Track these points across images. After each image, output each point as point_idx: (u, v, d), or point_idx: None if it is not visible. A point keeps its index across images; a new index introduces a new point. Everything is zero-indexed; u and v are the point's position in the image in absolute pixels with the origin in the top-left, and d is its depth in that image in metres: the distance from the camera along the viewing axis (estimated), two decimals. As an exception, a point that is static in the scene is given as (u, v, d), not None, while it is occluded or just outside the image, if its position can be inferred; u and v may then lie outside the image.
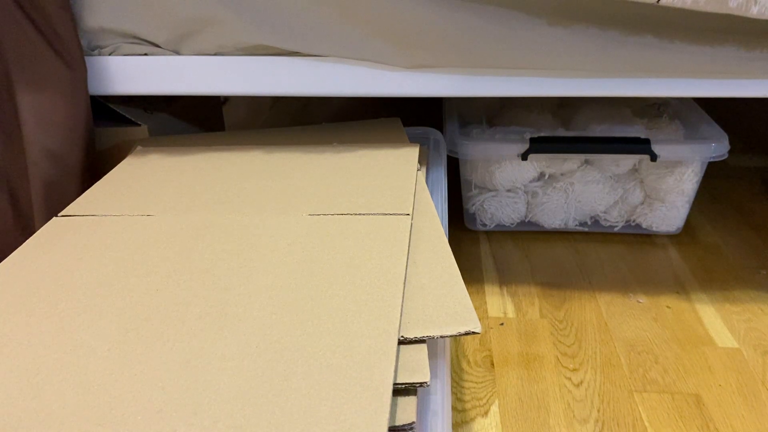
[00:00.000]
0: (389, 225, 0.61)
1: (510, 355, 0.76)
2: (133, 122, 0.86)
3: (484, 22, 0.68)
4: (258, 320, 0.48)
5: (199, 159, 0.79)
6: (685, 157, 0.92)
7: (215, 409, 0.40)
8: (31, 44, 0.71)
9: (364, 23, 0.70)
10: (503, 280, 0.90)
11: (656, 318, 0.82)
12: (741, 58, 0.67)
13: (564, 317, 0.82)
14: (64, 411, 0.40)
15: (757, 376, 0.72)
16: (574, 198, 0.98)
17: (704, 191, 1.04)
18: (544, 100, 1.07)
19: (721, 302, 0.84)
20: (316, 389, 0.41)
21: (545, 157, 0.94)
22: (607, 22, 0.67)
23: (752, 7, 0.61)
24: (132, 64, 0.76)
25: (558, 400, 0.69)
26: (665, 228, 1.00)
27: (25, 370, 0.44)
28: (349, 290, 0.51)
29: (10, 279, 0.55)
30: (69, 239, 0.61)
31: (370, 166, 0.74)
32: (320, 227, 0.61)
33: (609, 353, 0.76)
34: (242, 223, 0.63)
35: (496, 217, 1.01)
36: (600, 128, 0.98)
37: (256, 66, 0.75)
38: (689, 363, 0.74)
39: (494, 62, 0.70)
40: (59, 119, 0.73)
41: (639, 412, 0.67)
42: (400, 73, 0.73)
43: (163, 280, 0.54)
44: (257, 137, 0.87)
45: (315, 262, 0.56)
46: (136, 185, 0.72)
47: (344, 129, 0.89)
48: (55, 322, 0.49)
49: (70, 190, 0.76)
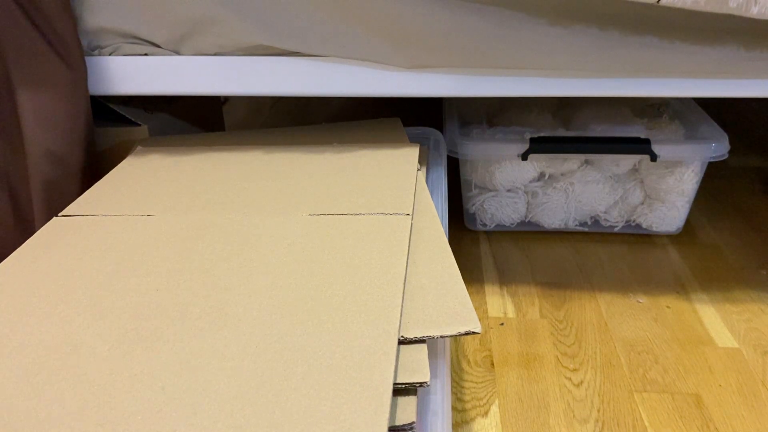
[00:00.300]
0: (389, 225, 0.61)
1: (510, 355, 0.76)
2: (133, 122, 0.86)
3: (484, 22, 0.68)
4: (258, 320, 0.48)
5: (199, 159, 0.79)
6: (685, 157, 0.92)
7: (215, 409, 0.40)
8: (31, 44, 0.71)
9: (365, 23, 0.70)
10: (503, 280, 0.90)
11: (656, 318, 0.82)
12: (741, 58, 0.67)
13: (564, 317, 0.82)
14: (65, 411, 0.41)
15: (757, 376, 0.72)
16: (574, 198, 0.98)
17: (704, 191, 1.04)
18: (544, 100, 1.07)
19: (721, 302, 0.84)
20: (316, 389, 0.41)
21: (545, 157, 0.94)
22: (607, 22, 0.67)
23: (752, 7, 0.61)
24: (132, 64, 0.76)
25: (558, 400, 0.69)
26: (665, 228, 1.00)
27: (25, 370, 0.44)
28: (349, 290, 0.51)
29: (10, 279, 0.55)
30: (69, 239, 0.61)
31: (370, 166, 0.74)
32: (320, 227, 0.61)
33: (609, 353, 0.76)
34: (242, 223, 0.63)
35: (496, 217, 1.01)
36: (600, 128, 0.98)
37: (256, 66, 0.75)
38: (689, 363, 0.74)
39: (494, 62, 0.70)
40: (59, 119, 0.73)
41: (639, 412, 0.67)
42: (400, 73, 0.73)
43: (163, 280, 0.54)
44: (257, 137, 0.87)
45: (315, 262, 0.55)
46: (136, 185, 0.72)
47: (344, 129, 0.89)
48: (55, 323, 0.49)
49: (70, 190, 0.76)
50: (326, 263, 0.55)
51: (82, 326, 0.48)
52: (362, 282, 0.52)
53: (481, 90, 0.74)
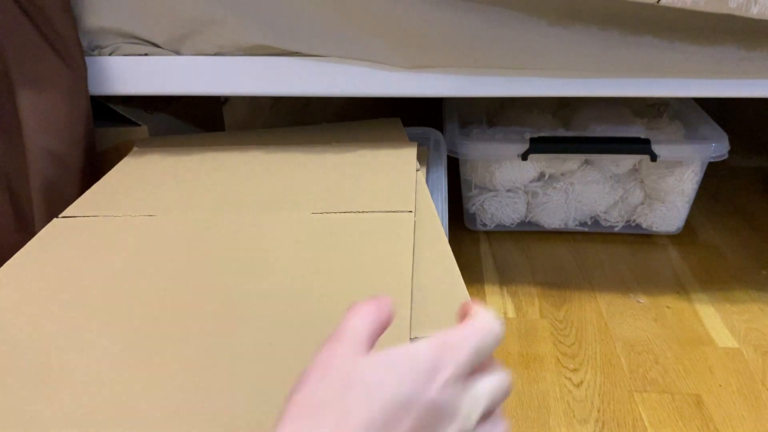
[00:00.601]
0: (393, 222, 0.61)
1: (510, 355, 0.76)
2: (133, 122, 0.86)
3: (484, 22, 0.68)
4: (268, 318, 0.48)
5: (199, 159, 0.79)
6: (685, 157, 0.92)
7: (233, 407, 0.40)
8: (31, 44, 0.71)
9: (365, 23, 0.70)
10: (503, 280, 0.90)
11: (656, 318, 0.81)
12: (741, 58, 0.67)
13: (564, 317, 0.82)
14: (80, 411, 0.40)
15: (757, 376, 0.71)
16: (574, 198, 0.98)
17: (704, 191, 1.04)
18: (544, 100, 1.07)
19: (721, 302, 0.84)
20: None
21: (545, 157, 0.94)
22: (607, 22, 0.67)
23: (752, 7, 0.61)
24: (132, 64, 0.76)
25: (558, 400, 0.69)
26: (665, 228, 1.00)
27: (37, 371, 0.44)
28: (358, 287, 0.51)
29: (14, 281, 0.55)
30: (71, 240, 0.61)
31: (371, 166, 0.74)
32: (324, 225, 0.61)
33: (609, 353, 0.76)
34: (245, 221, 0.63)
35: (496, 217, 1.01)
36: (600, 128, 0.98)
37: (256, 66, 0.75)
38: (689, 363, 0.74)
39: (494, 62, 0.70)
40: (59, 119, 0.73)
41: (639, 412, 0.67)
42: (400, 73, 0.73)
43: (171, 279, 0.54)
44: (257, 137, 0.87)
45: (321, 260, 0.56)
46: (136, 186, 0.72)
47: (344, 129, 0.89)
48: (64, 324, 0.49)
49: (70, 190, 0.76)
50: (333, 260, 0.55)
51: (93, 327, 0.48)
52: (370, 278, 0.52)
53: (481, 90, 0.74)
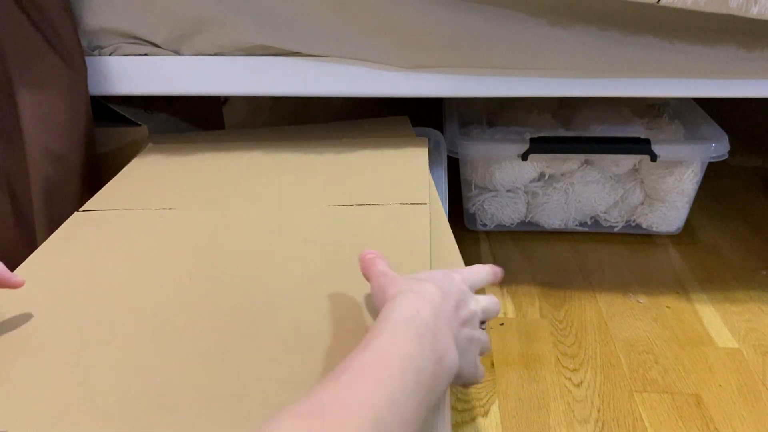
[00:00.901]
0: (408, 213, 0.62)
1: (510, 355, 0.76)
2: (133, 122, 0.86)
3: (484, 23, 0.68)
4: (291, 310, 0.49)
5: (214, 155, 0.79)
6: (685, 157, 0.92)
7: (261, 395, 0.41)
8: (31, 44, 0.71)
9: (365, 23, 0.70)
10: (503, 280, 0.90)
11: (656, 318, 0.81)
12: (741, 58, 0.67)
13: (564, 317, 0.82)
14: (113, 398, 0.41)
15: (757, 376, 0.71)
16: (574, 198, 0.98)
17: (704, 191, 1.04)
18: (544, 100, 1.07)
19: (721, 302, 0.84)
20: None
21: (545, 157, 0.94)
22: (607, 22, 0.67)
23: (752, 7, 0.61)
24: (132, 64, 0.76)
25: (558, 400, 0.69)
26: (665, 228, 1.00)
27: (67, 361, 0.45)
28: None
29: (40, 273, 0.55)
30: (94, 233, 0.62)
31: (382, 160, 0.75)
32: (342, 217, 0.62)
33: (609, 353, 0.76)
34: (264, 214, 0.64)
35: (496, 217, 1.01)
36: (600, 128, 0.98)
37: (256, 66, 0.75)
38: (689, 363, 0.74)
39: (494, 62, 0.70)
40: (59, 119, 0.73)
41: (639, 412, 0.67)
42: (400, 73, 0.73)
43: (193, 271, 0.55)
44: (268, 135, 0.88)
45: (341, 250, 0.56)
46: (153, 181, 0.73)
47: (355, 126, 0.89)
48: (91, 315, 0.49)
49: (70, 190, 0.76)
50: (351, 250, 0.55)
51: (120, 317, 0.49)
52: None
53: (481, 90, 0.74)
